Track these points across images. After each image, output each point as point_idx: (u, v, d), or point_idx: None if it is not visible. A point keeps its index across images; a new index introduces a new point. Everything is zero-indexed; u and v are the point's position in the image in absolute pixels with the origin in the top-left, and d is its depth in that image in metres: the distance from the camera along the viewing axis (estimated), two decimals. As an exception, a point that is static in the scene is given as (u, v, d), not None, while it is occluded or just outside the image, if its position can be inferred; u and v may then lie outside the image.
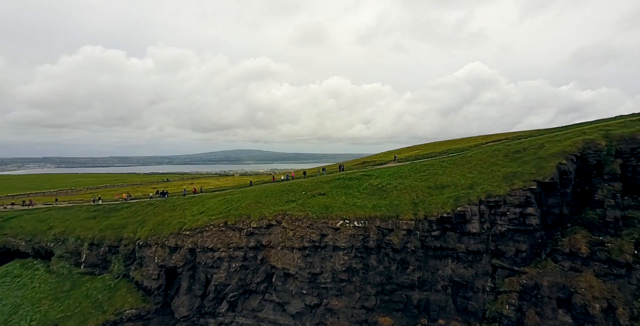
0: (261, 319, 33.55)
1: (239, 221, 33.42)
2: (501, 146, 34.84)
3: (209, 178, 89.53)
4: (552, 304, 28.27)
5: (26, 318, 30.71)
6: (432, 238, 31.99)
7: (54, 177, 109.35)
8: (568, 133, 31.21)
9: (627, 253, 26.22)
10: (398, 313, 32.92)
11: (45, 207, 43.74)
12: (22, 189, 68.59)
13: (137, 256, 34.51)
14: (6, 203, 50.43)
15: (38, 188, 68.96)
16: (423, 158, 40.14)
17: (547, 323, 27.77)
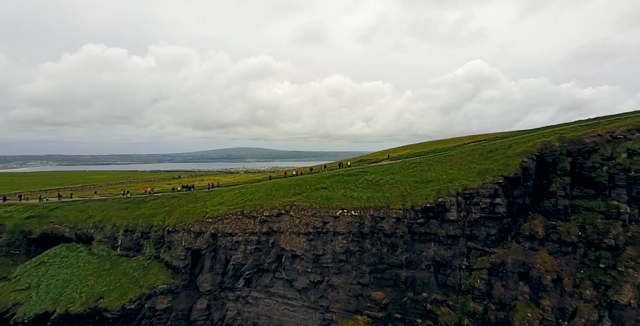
0: (272, 294, 39.70)
1: (253, 210, 39.50)
2: (478, 146, 40.77)
3: (217, 175, 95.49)
4: (515, 277, 34.32)
5: (77, 290, 36.81)
6: (417, 225, 37.99)
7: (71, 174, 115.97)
8: (531, 136, 37.09)
9: (573, 235, 32.17)
10: (388, 288, 39.02)
11: (82, 199, 49.97)
12: (48, 185, 75.01)
13: (166, 240, 40.63)
14: (47, 196, 56.94)
15: (62, 184, 75.35)
16: (413, 157, 46.16)
17: (510, 293, 33.83)
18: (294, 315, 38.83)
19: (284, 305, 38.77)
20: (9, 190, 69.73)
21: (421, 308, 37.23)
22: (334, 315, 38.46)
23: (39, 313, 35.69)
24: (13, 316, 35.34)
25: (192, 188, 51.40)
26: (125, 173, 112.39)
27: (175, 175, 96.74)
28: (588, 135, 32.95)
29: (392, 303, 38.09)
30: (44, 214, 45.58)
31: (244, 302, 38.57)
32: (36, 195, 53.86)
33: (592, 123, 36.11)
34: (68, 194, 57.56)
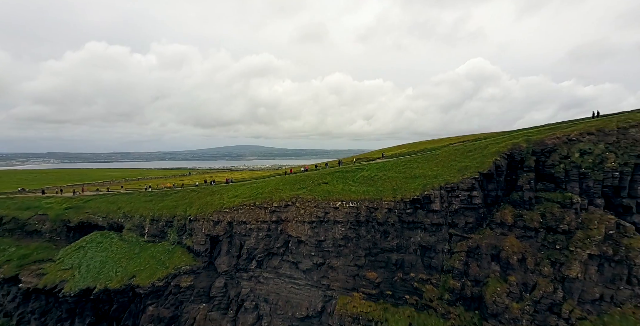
0: (280, 274, 45.95)
1: (264, 202, 45.70)
2: (461, 146, 46.82)
3: (224, 172, 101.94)
4: (488, 258, 40.39)
5: (113, 270, 43.08)
6: (406, 215, 44.05)
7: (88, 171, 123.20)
8: (504, 138, 43.10)
9: (535, 222, 38.23)
10: (381, 269, 45.17)
11: (110, 193, 56.35)
12: (71, 180, 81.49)
13: (188, 228, 46.85)
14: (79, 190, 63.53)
15: (82, 180, 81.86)
16: (404, 156, 52.25)
17: (483, 271, 39.93)
18: (299, 292, 45.08)
19: (291, 283, 45.01)
20: (35, 185, 76.28)
21: (409, 286, 43.41)
22: (333, 292, 44.72)
23: (83, 289, 41.94)
24: (61, 290, 41.63)
25: (213, 183, 57.88)
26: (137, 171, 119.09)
27: (185, 172, 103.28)
28: (549, 137, 38.90)
29: (384, 282, 44.28)
30: (79, 205, 52.04)
31: (256, 281, 44.80)
32: (69, 189, 60.42)
33: (554, 127, 41.96)
34: (94, 189, 63.86)
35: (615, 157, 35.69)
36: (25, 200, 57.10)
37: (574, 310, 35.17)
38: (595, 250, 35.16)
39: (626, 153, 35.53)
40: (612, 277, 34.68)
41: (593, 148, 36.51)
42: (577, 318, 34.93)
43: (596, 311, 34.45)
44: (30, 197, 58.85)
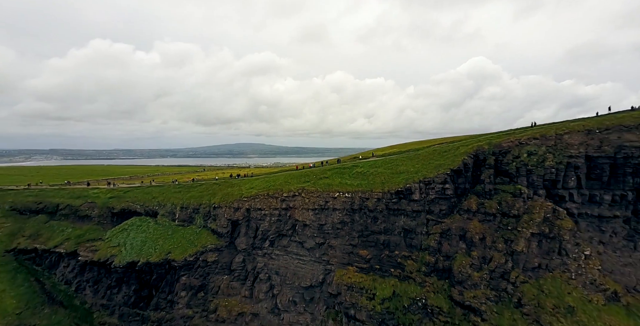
0: (289, 252, 55.92)
1: (275, 192, 55.63)
2: (438, 147, 56.64)
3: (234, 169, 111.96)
4: (456, 238, 50.24)
5: (152, 247, 53.05)
6: (392, 203, 53.87)
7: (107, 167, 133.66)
8: (472, 141, 52.82)
9: (493, 208, 48.04)
10: (371, 248, 55.08)
11: (145, 185, 66.44)
12: (98, 175, 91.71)
13: (212, 214, 56.75)
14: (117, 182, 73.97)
15: (108, 175, 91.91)
16: (392, 155, 62.05)
17: (452, 249, 49.72)
18: (304, 266, 55.07)
19: (297, 259, 55.00)
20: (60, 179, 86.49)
21: (393, 261, 53.32)
22: (332, 266, 54.66)
23: (129, 262, 51.89)
24: (112, 263, 51.57)
25: (239, 176, 67.99)
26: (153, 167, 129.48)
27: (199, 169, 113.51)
28: (505, 141, 48.64)
29: (373, 258, 54.22)
30: (120, 195, 62.03)
31: (269, 257, 54.79)
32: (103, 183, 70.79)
33: (509, 133, 51.57)
34: (122, 182, 74.12)
35: (553, 156, 45.43)
36: (75, 190, 67.13)
37: (519, 276, 45.07)
38: (536, 230, 45.02)
39: (561, 154, 45.24)
40: (548, 250, 44.52)
41: (537, 150, 46.22)
42: (520, 282, 44.81)
43: (535, 276, 44.31)
44: (78, 188, 68.96)
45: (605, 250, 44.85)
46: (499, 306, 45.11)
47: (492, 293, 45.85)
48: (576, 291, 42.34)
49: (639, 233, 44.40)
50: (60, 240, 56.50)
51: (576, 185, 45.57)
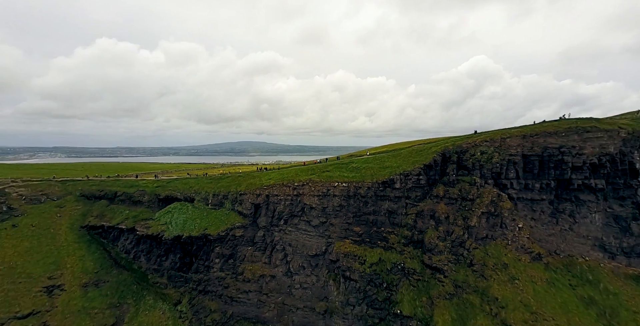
0: (299, 228, 71.69)
1: (288, 182, 71.35)
2: (417, 147, 72.27)
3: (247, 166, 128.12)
4: (428, 217, 65.90)
5: (192, 225, 68.78)
6: (379, 191, 69.49)
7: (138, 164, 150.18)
8: (441, 142, 68.35)
9: (455, 194, 63.51)
10: (362, 225, 70.82)
11: (183, 177, 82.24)
12: (135, 170, 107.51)
13: (239, 199, 72.50)
14: (160, 175, 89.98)
15: (140, 170, 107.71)
16: (381, 153, 77.74)
17: (424, 225, 65.40)
18: (311, 239, 70.86)
19: (305, 234, 70.79)
20: (104, 173, 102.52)
21: (380, 236, 69.04)
22: (332, 240, 70.41)
23: (175, 236, 67.67)
24: (162, 237, 67.47)
25: (265, 169, 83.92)
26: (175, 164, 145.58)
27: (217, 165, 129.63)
28: (465, 143, 64.22)
29: (364, 233, 69.97)
30: (164, 185, 77.74)
31: (283, 233, 70.61)
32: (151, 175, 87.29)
33: (469, 136, 67.05)
34: (162, 175, 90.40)
35: (499, 155, 61.05)
36: (127, 181, 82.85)
37: (472, 244, 60.80)
38: (485, 209, 60.64)
39: (504, 153, 60.85)
40: (492, 224, 60.16)
41: (487, 150, 61.84)
42: (473, 248, 60.48)
43: (483, 244, 59.97)
44: (129, 180, 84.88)
45: (535, 224, 60.58)
46: (457, 266, 60.85)
47: (452, 257, 61.58)
48: (510, 253, 58.04)
49: (559, 212, 60.07)
50: (120, 219, 72.21)
51: (515, 176, 61.19)
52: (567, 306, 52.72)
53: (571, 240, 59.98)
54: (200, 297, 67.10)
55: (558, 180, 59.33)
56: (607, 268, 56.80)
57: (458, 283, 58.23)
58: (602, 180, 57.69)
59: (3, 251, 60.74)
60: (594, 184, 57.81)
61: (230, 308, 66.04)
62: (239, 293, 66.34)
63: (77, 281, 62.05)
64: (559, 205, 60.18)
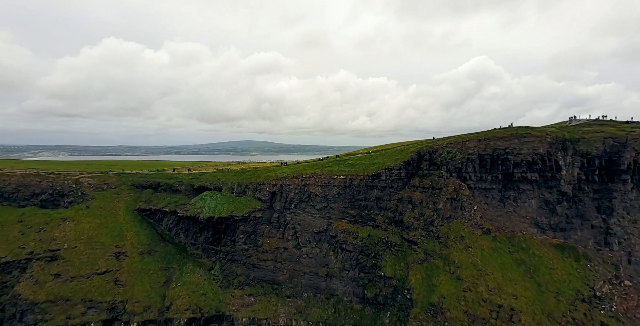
0: (306, 211, 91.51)
1: (297, 175, 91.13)
2: (400, 148, 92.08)
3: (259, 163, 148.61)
4: (406, 202, 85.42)
5: (222, 208, 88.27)
6: (369, 182, 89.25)
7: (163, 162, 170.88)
8: (418, 144, 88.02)
9: (427, 184, 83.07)
10: (356, 209, 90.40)
11: (212, 171, 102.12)
12: (165, 166, 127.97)
13: (258, 188, 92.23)
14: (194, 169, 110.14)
15: (167, 166, 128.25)
16: (373, 152, 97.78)
17: (404, 208, 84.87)
18: (315, 220, 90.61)
19: (311, 216, 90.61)
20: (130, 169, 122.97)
21: (369, 217, 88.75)
22: (332, 220, 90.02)
23: (208, 217, 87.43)
24: (198, 217, 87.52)
25: (285, 164, 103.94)
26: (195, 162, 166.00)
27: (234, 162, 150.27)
28: (435, 145, 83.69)
29: (357, 215, 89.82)
30: (197, 177, 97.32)
31: (293, 214, 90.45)
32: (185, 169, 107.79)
33: (439, 140, 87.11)
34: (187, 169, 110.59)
35: (460, 154, 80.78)
36: (166, 174, 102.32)
37: (439, 222, 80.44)
38: (449, 196, 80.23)
39: (464, 152, 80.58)
40: (455, 207, 79.73)
41: (452, 151, 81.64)
42: (440, 225, 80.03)
43: (447, 222, 79.54)
44: (167, 173, 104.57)
45: (487, 207, 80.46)
46: (427, 239, 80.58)
47: (424, 232, 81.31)
48: (467, 229, 77.84)
49: (505, 198, 79.92)
50: (164, 204, 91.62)
51: (472, 170, 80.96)
52: (504, 266, 72.63)
53: (514, 219, 79.98)
54: (229, 264, 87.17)
55: (504, 173, 79.16)
56: (537, 240, 76.72)
57: (428, 251, 78.02)
58: (536, 174, 77.55)
59: (82, 225, 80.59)
60: (530, 177, 77.70)
61: (252, 273, 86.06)
62: (259, 261, 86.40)
63: (136, 250, 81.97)
64: (505, 192, 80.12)
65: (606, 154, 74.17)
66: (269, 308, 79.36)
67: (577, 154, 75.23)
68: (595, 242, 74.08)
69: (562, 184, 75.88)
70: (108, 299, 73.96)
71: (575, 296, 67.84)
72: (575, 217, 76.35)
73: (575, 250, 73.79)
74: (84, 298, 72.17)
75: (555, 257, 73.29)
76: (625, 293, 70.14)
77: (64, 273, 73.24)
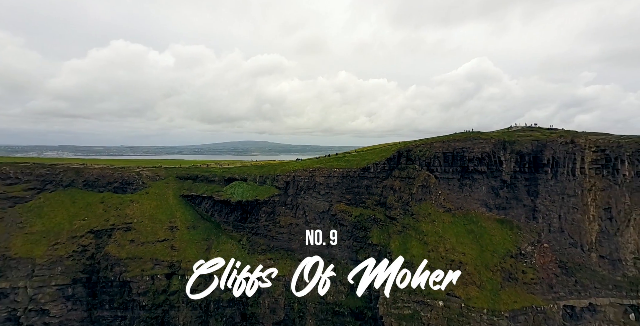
0: (312, 196, 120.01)
1: (306, 168, 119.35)
2: (384, 147, 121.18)
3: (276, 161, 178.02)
4: (389, 189, 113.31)
5: (247, 194, 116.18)
6: (360, 173, 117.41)
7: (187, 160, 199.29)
8: (398, 145, 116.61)
9: (405, 175, 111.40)
10: (351, 194, 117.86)
11: (238, 166, 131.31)
12: (201, 163, 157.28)
13: (276, 178, 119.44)
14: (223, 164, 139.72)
15: (194, 163, 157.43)
16: (364, 151, 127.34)
17: (387, 194, 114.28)
18: (320, 202, 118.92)
19: (316, 199, 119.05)
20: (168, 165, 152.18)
21: (361, 200, 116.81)
22: (333, 203, 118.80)
23: (237, 201, 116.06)
24: (229, 201, 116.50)
25: (301, 159, 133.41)
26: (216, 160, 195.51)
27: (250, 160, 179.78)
28: (410, 145, 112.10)
29: (352, 198, 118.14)
30: (227, 170, 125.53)
31: (303, 198, 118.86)
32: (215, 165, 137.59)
33: (414, 141, 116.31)
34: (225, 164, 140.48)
35: (429, 152, 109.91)
36: (202, 168, 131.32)
37: (413, 203, 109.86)
38: (420, 183, 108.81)
39: (432, 151, 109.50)
40: (425, 192, 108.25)
41: (423, 149, 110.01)
42: (413, 206, 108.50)
43: (418, 203, 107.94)
44: (202, 167, 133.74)
45: (449, 192, 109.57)
46: (404, 216, 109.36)
47: (402, 211, 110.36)
48: (433, 208, 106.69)
49: (463, 185, 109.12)
50: (202, 191, 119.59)
51: (438, 164, 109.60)
52: (458, 234, 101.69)
53: (469, 201, 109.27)
54: (253, 237, 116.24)
55: (461, 166, 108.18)
56: (485, 216, 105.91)
57: (404, 225, 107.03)
58: (485, 167, 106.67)
59: (144, 206, 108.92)
60: (480, 169, 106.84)
61: (272, 243, 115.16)
62: (277, 234, 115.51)
63: (184, 225, 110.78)
64: (462, 181, 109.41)
65: (533, 152, 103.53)
66: (284, 268, 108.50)
67: (513, 152, 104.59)
68: (525, 217, 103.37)
69: (503, 174, 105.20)
70: (168, 259, 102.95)
71: (506, 253, 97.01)
72: (512, 199, 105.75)
73: (511, 222, 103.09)
74: (152, 258, 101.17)
75: (496, 227, 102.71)
76: (543, 252, 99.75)
77: (136, 240, 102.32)
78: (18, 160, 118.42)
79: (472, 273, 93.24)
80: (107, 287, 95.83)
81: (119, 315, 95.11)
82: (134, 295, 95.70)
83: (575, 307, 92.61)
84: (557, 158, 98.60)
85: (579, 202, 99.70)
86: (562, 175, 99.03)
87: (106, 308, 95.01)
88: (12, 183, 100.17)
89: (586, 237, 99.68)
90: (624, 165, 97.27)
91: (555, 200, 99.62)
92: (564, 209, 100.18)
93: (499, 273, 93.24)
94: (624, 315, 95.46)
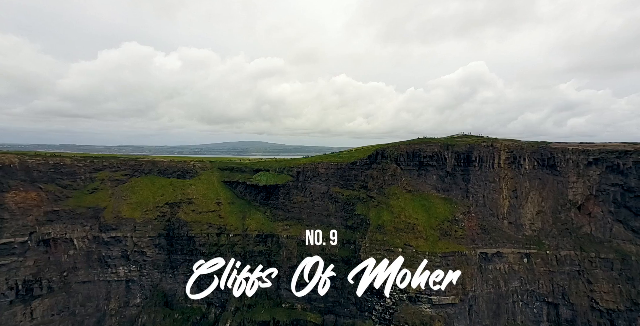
0: (316, 182, 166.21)
1: (311, 162, 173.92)
2: (367, 147, 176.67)
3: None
4: (369, 177, 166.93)
5: (270, 180, 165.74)
6: (350, 166, 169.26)
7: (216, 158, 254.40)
8: (376, 146, 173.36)
9: (380, 167, 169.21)
10: (344, 181, 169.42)
11: (260, 161, 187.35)
12: (234, 158, 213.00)
13: (290, 169, 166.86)
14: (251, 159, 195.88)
15: (217, 160, 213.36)
16: (354, 151, 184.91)
17: (369, 179, 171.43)
18: (322, 186, 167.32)
19: (319, 184, 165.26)
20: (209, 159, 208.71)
21: (350, 185, 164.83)
22: (330, 186, 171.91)
23: (263, 185, 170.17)
24: (257, 184, 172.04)
25: (308, 156, 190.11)
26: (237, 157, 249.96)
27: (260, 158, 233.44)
28: (385, 147, 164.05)
29: (344, 183, 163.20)
30: (255, 163, 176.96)
31: (309, 183, 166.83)
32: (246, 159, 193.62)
33: (389, 144, 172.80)
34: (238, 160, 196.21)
35: (397, 151, 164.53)
36: (237, 162, 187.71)
37: (386, 187, 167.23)
38: (391, 173, 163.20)
39: (400, 151, 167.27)
40: (393, 179, 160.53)
41: (394, 150, 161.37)
42: (385, 188, 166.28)
43: (389, 186, 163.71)
44: (237, 161, 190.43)
45: (410, 179, 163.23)
46: (379, 195, 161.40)
47: (378, 192, 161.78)
48: (398, 190, 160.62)
49: (420, 175, 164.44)
50: (238, 178, 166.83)
51: (403, 160, 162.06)
52: (415, 207, 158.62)
53: (424, 185, 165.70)
54: (275, 210, 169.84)
55: (419, 162, 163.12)
56: (434, 195, 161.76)
57: (380, 201, 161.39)
58: (434, 162, 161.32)
59: (198, 188, 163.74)
60: (432, 163, 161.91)
61: (288, 214, 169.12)
62: (291, 208, 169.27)
63: (226, 201, 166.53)
64: (420, 172, 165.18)
65: (466, 152, 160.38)
66: (297, 231, 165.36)
67: (453, 152, 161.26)
68: (461, 196, 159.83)
69: (447, 167, 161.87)
70: (217, 223, 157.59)
71: (444, 219, 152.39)
72: (453, 184, 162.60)
73: (451, 199, 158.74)
74: (207, 222, 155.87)
75: (440, 203, 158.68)
76: (470, 219, 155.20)
77: (196, 209, 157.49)
78: (116, 155, 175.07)
79: (421, 231, 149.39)
80: (179, 240, 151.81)
81: (187, 258, 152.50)
82: (196, 246, 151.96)
83: (487, 253, 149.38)
84: (482, 156, 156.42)
85: (496, 186, 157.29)
86: (485, 167, 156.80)
87: (179, 253, 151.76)
88: (116, 171, 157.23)
89: (500, 209, 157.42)
90: (525, 161, 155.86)
91: (480, 185, 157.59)
92: (486, 191, 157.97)
93: (439, 231, 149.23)
94: (520, 260, 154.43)
